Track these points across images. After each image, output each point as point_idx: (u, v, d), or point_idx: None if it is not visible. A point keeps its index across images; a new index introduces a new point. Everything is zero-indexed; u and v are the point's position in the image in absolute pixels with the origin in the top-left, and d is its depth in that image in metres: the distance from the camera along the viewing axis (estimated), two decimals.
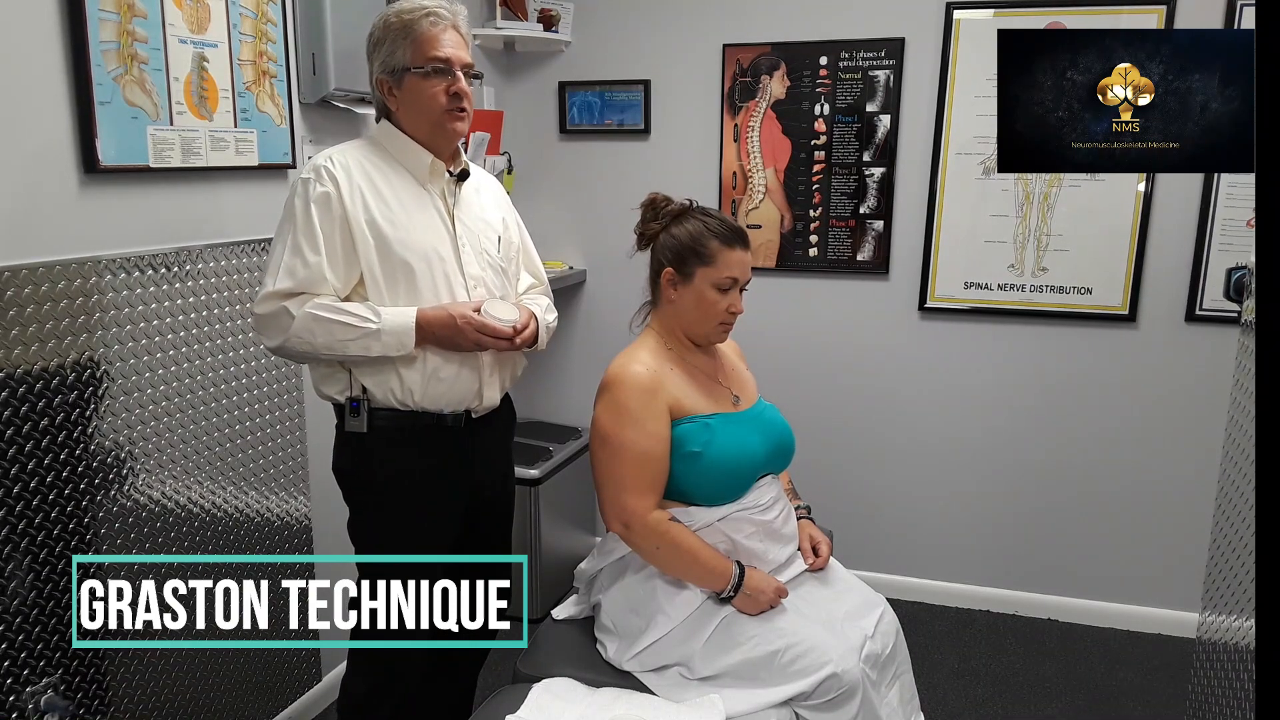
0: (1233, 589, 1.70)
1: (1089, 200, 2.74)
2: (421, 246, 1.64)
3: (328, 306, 1.57)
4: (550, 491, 2.91)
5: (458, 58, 1.65)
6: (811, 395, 3.05)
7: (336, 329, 1.56)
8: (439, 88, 1.63)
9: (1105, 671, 2.69)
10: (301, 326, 1.56)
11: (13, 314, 1.54)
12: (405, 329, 1.58)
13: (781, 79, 2.92)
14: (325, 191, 1.59)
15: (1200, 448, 2.69)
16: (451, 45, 1.65)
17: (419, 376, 1.64)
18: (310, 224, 1.57)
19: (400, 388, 1.64)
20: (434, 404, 1.67)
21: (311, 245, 1.57)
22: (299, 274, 1.57)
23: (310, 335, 1.56)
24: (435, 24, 1.63)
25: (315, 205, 1.58)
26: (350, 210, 1.59)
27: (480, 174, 1.86)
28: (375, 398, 1.66)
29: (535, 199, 3.16)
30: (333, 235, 1.58)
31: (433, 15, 1.63)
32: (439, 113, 1.65)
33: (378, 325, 1.57)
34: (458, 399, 1.69)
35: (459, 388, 1.69)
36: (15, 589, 1.58)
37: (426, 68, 1.63)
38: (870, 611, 1.74)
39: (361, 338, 1.57)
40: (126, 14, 1.69)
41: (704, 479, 1.66)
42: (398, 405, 1.66)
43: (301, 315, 1.56)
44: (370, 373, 1.64)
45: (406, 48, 1.63)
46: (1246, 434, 1.68)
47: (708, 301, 1.70)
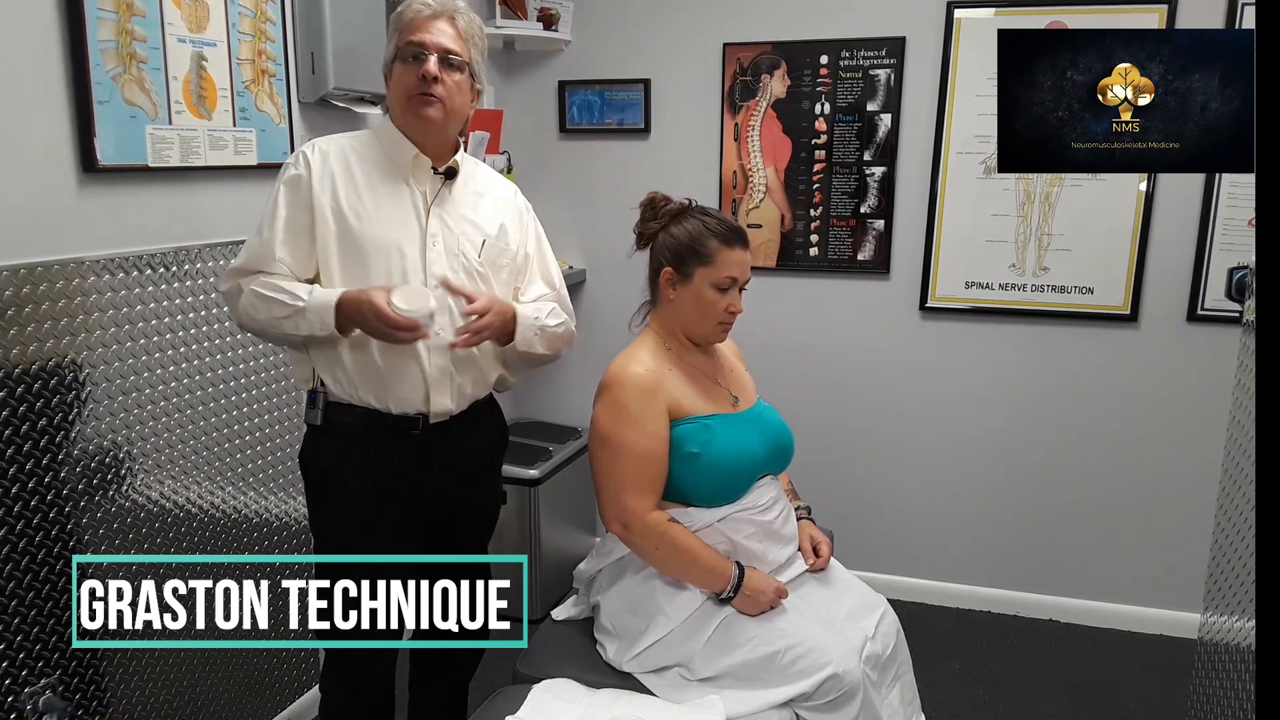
0: (1234, 589, 1.70)
1: (1090, 200, 2.74)
2: (382, 239, 1.61)
3: (268, 284, 1.57)
4: (550, 491, 2.91)
5: (435, 43, 1.60)
6: (812, 395, 3.05)
7: (273, 306, 1.56)
8: (410, 71, 1.61)
9: (1105, 671, 2.69)
10: (247, 303, 1.58)
11: (11, 313, 1.53)
12: (326, 307, 1.55)
13: (782, 78, 2.92)
14: (297, 174, 1.61)
15: (1201, 448, 2.69)
16: (433, 32, 1.61)
17: (358, 366, 1.63)
18: (275, 204, 1.59)
19: (345, 377, 1.63)
20: (378, 400, 1.64)
21: (270, 224, 1.59)
22: (254, 250, 1.59)
23: (254, 311, 1.58)
24: (420, 12, 1.62)
25: (284, 186, 1.60)
26: (317, 194, 1.60)
27: (490, 178, 1.81)
28: (330, 390, 1.65)
29: (535, 199, 3.09)
30: (295, 217, 1.59)
31: (420, 4, 1.62)
32: (406, 96, 1.62)
33: (304, 303, 1.56)
34: (403, 400, 1.64)
35: (402, 388, 1.63)
36: (14, 589, 1.58)
37: (404, 52, 1.61)
38: (871, 612, 1.74)
39: (291, 315, 1.56)
40: (125, 13, 1.68)
41: (703, 480, 1.66)
42: (345, 397, 1.64)
43: (247, 292, 1.58)
44: (322, 358, 1.64)
45: (394, 37, 1.64)
46: (1247, 434, 1.67)
47: (707, 301, 1.70)
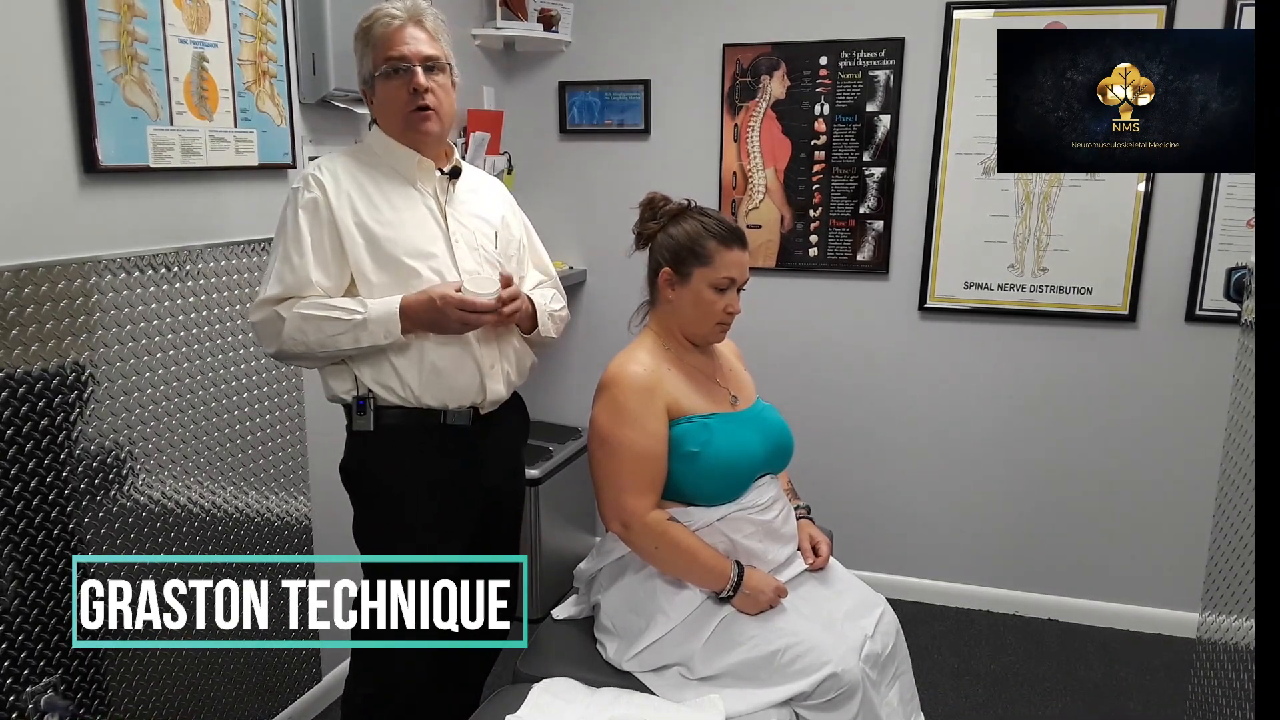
0: (1233, 589, 1.70)
1: (1089, 200, 2.74)
2: (413, 244, 1.64)
3: (315, 304, 1.58)
4: (550, 491, 2.92)
5: (415, 53, 1.62)
6: (812, 395, 3.05)
7: (326, 325, 1.57)
8: (400, 87, 1.63)
9: (1105, 671, 2.69)
10: (293, 327, 1.57)
11: (13, 314, 1.54)
12: (390, 316, 1.58)
13: (781, 79, 2.92)
14: (313, 198, 1.61)
15: (1200, 448, 2.69)
16: (409, 41, 1.62)
17: (415, 370, 1.64)
18: (298, 230, 1.60)
19: (400, 384, 1.64)
20: (436, 399, 1.66)
21: (298, 250, 1.59)
22: (287, 279, 1.59)
23: (303, 335, 1.57)
24: (389, 24, 1.61)
25: (303, 211, 1.60)
26: (338, 213, 1.61)
27: (477, 174, 1.85)
28: (380, 396, 1.66)
29: (535, 199, 3.16)
30: (321, 240, 1.60)
31: (386, 16, 1.62)
32: (403, 113, 1.64)
33: (364, 315, 1.57)
34: (460, 393, 1.68)
35: (460, 381, 1.68)
36: (16, 589, 1.58)
37: (386, 69, 1.62)
38: (870, 611, 1.74)
39: (350, 330, 1.57)
40: (126, 14, 1.69)
41: (702, 479, 1.66)
42: (400, 402, 1.66)
43: (291, 316, 1.57)
44: (369, 368, 1.64)
45: (369, 54, 1.64)
46: (1246, 434, 1.68)
47: (705, 301, 1.70)
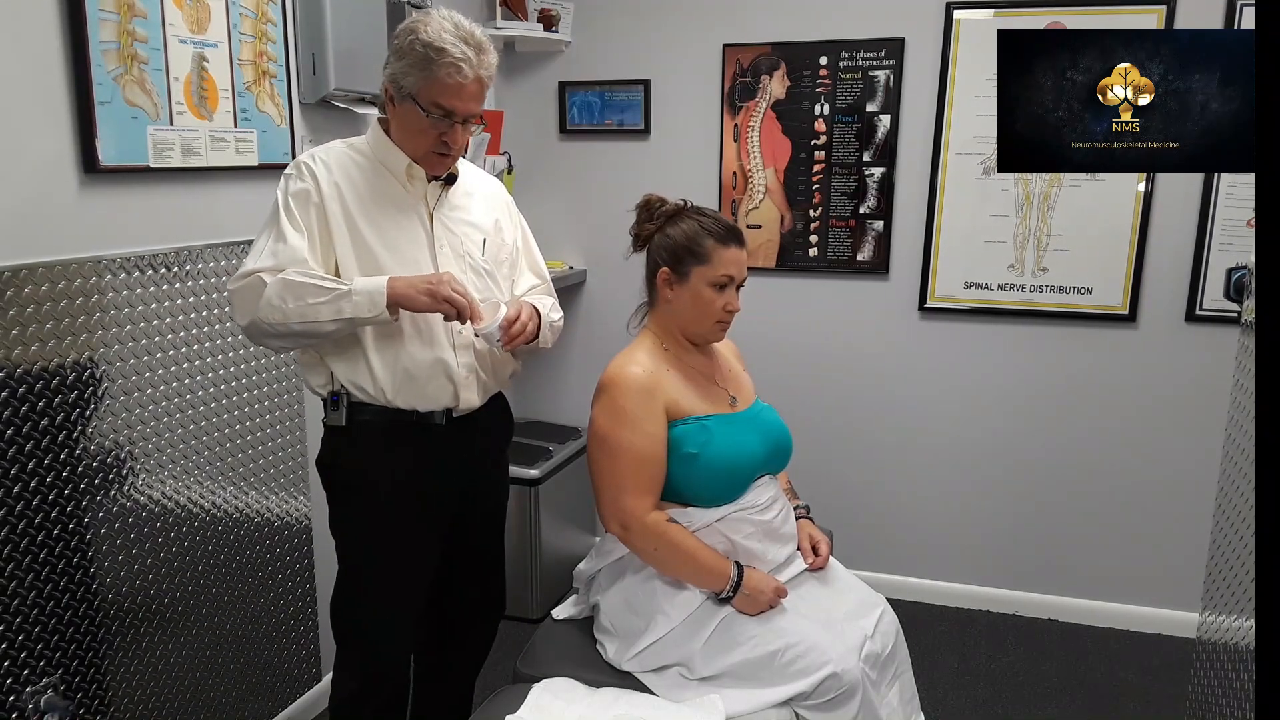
0: (1233, 589, 1.70)
1: (1089, 200, 2.74)
2: (396, 246, 1.64)
3: (301, 273, 1.55)
4: (550, 491, 2.91)
5: (465, 109, 1.59)
6: (811, 395, 3.05)
7: (309, 291, 1.52)
8: (433, 131, 1.60)
9: (1105, 671, 2.69)
10: (273, 293, 1.52)
11: (13, 314, 1.54)
12: (376, 287, 1.54)
13: (781, 79, 2.92)
14: (304, 188, 1.60)
15: (1200, 448, 2.69)
16: (467, 100, 1.58)
17: (388, 372, 1.63)
18: (291, 214, 1.59)
19: (372, 383, 1.63)
20: (407, 403, 1.66)
21: (294, 227, 1.58)
22: (280, 254, 1.56)
23: (281, 301, 1.52)
24: (452, 76, 1.54)
25: (294, 199, 1.59)
26: (328, 205, 1.60)
27: (475, 176, 1.83)
28: (352, 394, 1.65)
29: (535, 199, 3.16)
30: (310, 228, 1.59)
31: (454, 66, 1.54)
32: (423, 151, 1.63)
33: (349, 286, 1.54)
34: (431, 399, 1.67)
35: (431, 389, 1.66)
36: (16, 588, 1.58)
37: (434, 112, 1.58)
38: (870, 611, 1.74)
39: (332, 300, 1.53)
40: (126, 14, 1.69)
41: (701, 480, 1.66)
42: (371, 401, 1.65)
43: (274, 281, 1.53)
44: (343, 365, 1.63)
45: (419, 79, 1.56)
46: (1246, 434, 1.68)
47: (704, 300, 1.70)
